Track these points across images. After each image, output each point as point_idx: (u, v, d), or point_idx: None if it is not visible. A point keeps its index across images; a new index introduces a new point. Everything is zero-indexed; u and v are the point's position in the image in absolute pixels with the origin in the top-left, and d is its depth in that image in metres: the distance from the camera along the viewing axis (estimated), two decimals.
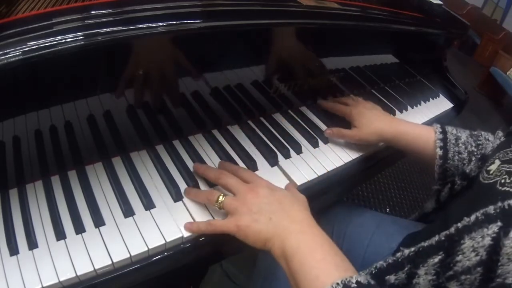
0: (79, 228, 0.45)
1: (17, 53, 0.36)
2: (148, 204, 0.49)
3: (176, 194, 0.51)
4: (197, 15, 0.49)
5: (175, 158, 0.56)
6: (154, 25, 0.44)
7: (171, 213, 0.49)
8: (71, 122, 0.50)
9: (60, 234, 0.44)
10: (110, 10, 0.44)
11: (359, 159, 0.69)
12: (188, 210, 0.50)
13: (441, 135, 0.62)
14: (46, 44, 0.37)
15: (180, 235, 0.47)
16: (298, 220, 0.45)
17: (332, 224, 0.70)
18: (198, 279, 0.91)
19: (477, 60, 3.57)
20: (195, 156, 0.57)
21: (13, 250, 0.41)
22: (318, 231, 0.44)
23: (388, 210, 1.60)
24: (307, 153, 0.65)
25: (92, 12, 0.42)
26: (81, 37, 0.39)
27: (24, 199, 0.46)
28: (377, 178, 1.74)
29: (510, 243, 0.32)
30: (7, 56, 0.35)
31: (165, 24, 0.45)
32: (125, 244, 0.44)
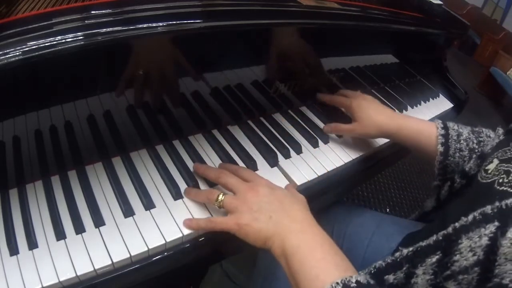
0: (79, 228, 0.45)
1: (17, 53, 0.36)
2: (148, 204, 0.49)
3: (176, 194, 0.51)
4: (197, 15, 0.49)
5: (175, 158, 0.56)
6: (154, 25, 0.44)
7: (171, 213, 0.49)
8: (71, 122, 0.50)
9: (60, 234, 0.44)
10: (110, 10, 0.44)
11: (359, 159, 0.69)
12: (189, 210, 0.50)
13: (443, 131, 0.61)
14: (46, 44, 0.37)
15: (180, 235, 0.47)
16: (299, 219, 0.45)
17: (332, 224, 0.70)
18: (198, 279, 0.92)
19: (477, 60, 3.57)
20: (195, 156, 0.57)
21: (13, 250, 0.41)
22: (318, 231, 0.44)
23: (388, 210, 1.60)
24: (307, 153, 0.65)
25: (92, 12, 0.42)
26: (81, 37, 0.39)
27: (24, 199, 0.46)
28: (377, 178, 1.75)
29: (507, 243, 0.32)
30: (7, 56, 0.35)
31: (165, 24, 0.45)
32: (125, 244, 0.44)
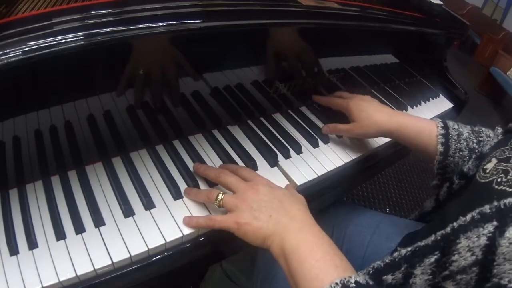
0: (79, 228, 0.45)
1: (17, 53, 0.36)
2: (148, 204, 0.49)
3: (176, 194, 0.51)
4: (197, 15, 0.49)
5: (175, 158, 0.56)
6: (154, 25, 0.44)
7: (171, 213, 0.49)
8: (71, 122, 0.50)
9: (60, 234, 0.44)
10: (110, 10, 0.44)
11: (359, 159, 0.69)
12: (189, 210, 0.50)
13: (443, 130, 0.61)
14: (46, 44, 0.37)
15: (180, 235, 0.47)
16: (298, 219, 0.45)
17: (332, 224, 0.70)
18: (198, 279, 0.92)
19: (477, 60, 3.57)
20: (195, 156, 0.57)
21: (13, 250, 0.41)
22: (318, 231, 0.44)
23: (388, 210, 1.60)
24: (307, 153, 0.65)
25: (92, 12, 0.42)
26: (81, 37, 0.39)
27: (24, 199, 0.46)
28: (377, 178, 1.74)
29: (506, 243, 0.32)
30: (7, 56, 0.35)
31: (165, 24, 0.45)
32: (125, 244, 0.44)
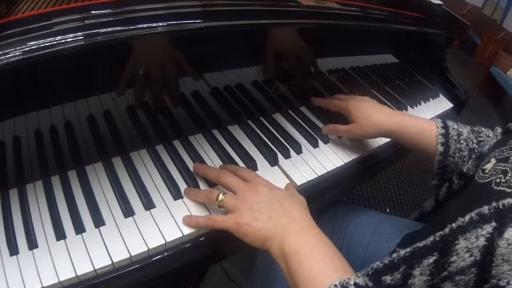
0: (79, 228, 0.45)
1: (17, 53, 0.36)
2: (148, 204, 0.49)
3: (176, 194, 0.51)
4: (197, 15, 0.49)
5: (175, 158, 0.56)
6: (154, 25, 0.44)
7: (171, 213, 0.49)
8: (71, 122, 0.50)
9: (60, 234, 0.44)
10: (110, 10, 0.44)
11: (359, 159, 0.69)
12: (189, 210, 0.50)
13: (443, 130, 0.60)
14: (46, 44, 0.37)
15: (180, 235, 0.47)
16: (298, 220, 0.45)
17: (332, 224, 0.70)
18: (198, 279, 0.91)
19: (477, 60, 3.56)
20: (195, 156, 0.57)
21: (13, 250, 0.41)
22: (318, 232, 0.44)
23: (388, 210, 1.60)
24: (307, 153, 0.65)
25: (92, 12, 0.42)
26: (81, 37, 0.39)
27: (24, 199, 0.46)
28: (377, 178, 1.74)
29: (504, 244, 0.32)
30: (7, 56, 0.35)
31: (165, 24, 0.45)
32: (125, 244, 0.44)
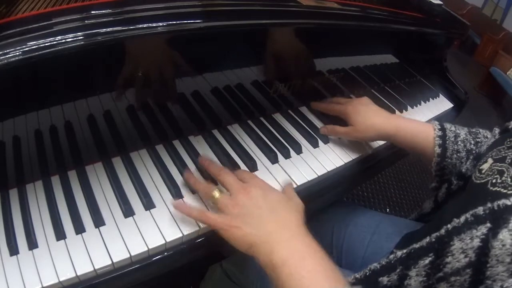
0: (79, 228, 0.45)
1: (17, 53, 0.36)
2: (148, 204, 0.49)
3: (176, 194, 0.51)
4: (197, 15, 0.49)
5: (175, 158, 0.56)
6: (154, 25, 0.44)
7: (172, 213, 0.49)
8: (71, 122, 0.50)
9: (60, 234, 0.44)
10: (110, 10, 0.44)
11: (359, 159, 0.69)
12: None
13: (440, 132, 0.61)
14: (46, 44, 0.37)
15: (180, 235, 0.47)
16: (290, 228, 0.44)
17: (332, 224, 0.70)
18: (198, 279, 0.91)
19: (477, 60, 3.56)
20: (195, 156, 0.57)
21: (13, 250, 0.41)
22: (310, 240, 0.43)
23: (388, 210, 1.60)
24: (307, 153, 0.65)
25: (92, 12, 0.42)
26: (81, 37, 0.39)
27: (24, 199, 0.46)
28: (377, 178, 1.74)
29: (499, 245, 0.32)
30: (7, 56, 0.35)
31: (165, 24, 0.45)
32: (125, 244, 0.44)
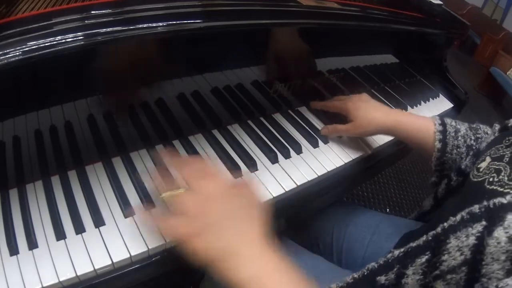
0: (79, 228, 0.45)
1: (17, 53, 0.36)
2: (148, 204, 0.49)
3: None
4: (197, 15, 0.49)
5: None
6: (154, 25, 0.44)
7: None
8: (71, 122, 0.50)
9: (60, 234, 0.44)
10: (110, 10, 0.44)
11: (359, 159, 0.69)
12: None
13: (441, 127, 0.61)
14: (46, 44, 0.37)
15: None
16: (254, 241, 0.41)
17: (332, 224, 0.70)
18: (198, 279, 0.91)
19: (477, 60, 3.57)
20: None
21: (13, 250, 0.41)
22: (273, 254, 0.41)
23: (388, 210, 1.60)
24: (307, 153, 0.65)
25: (92, 12, 0.42)
26: (81, 37, 0.39)
27: (24, 199, 0.46)
28: (377, 178, 1.74)
29: (494, 243, 0.32)
30: (7, 56, 0.35)
31: (165, 24, 0.45)
32: (125, 244, 0.44)
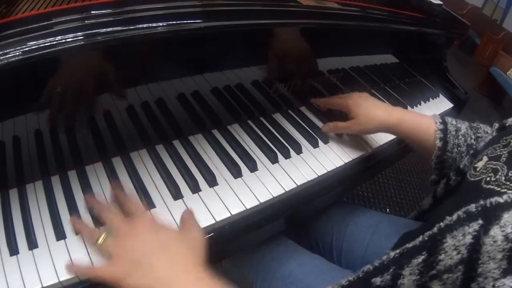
0: None
1: (17, 53, 0.36)
2: (148, 204, 0.49)
3: (176, 194, 0.51)
4: (197, 15, 0.49)
5: (175, 158, 0.56)
6: (154, 25, 0.44)
7: (171, 213, 0.49)
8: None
9: (60, 234, 0.44)
10: (110, 10, 0.44)
11: (359, 159, 0.69)
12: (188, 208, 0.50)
13: (442, 126, 0.61)
14: (46, 44, 0.37)
15: None
16: (187, 269, 0.41)
17: (332, 224, 0.70)
18: None
19: (477, 60, 3.56)
20: (195, 156, 0.57)
21: (13, 250, 0.41)
22: (211, 281, 0.41)
23: (388, 210, 1.60)
24: (307, 153, 0.65)
25: (92, 12, 0.42)
26: (81, 37, 0.39)
27: (24, 199, 0.46)
28: (377, 178, 1.74)
29: (490, 241, 0.32)
30: (7, 56, 0.35)
31: (165, 24, 0.45)
32: None
